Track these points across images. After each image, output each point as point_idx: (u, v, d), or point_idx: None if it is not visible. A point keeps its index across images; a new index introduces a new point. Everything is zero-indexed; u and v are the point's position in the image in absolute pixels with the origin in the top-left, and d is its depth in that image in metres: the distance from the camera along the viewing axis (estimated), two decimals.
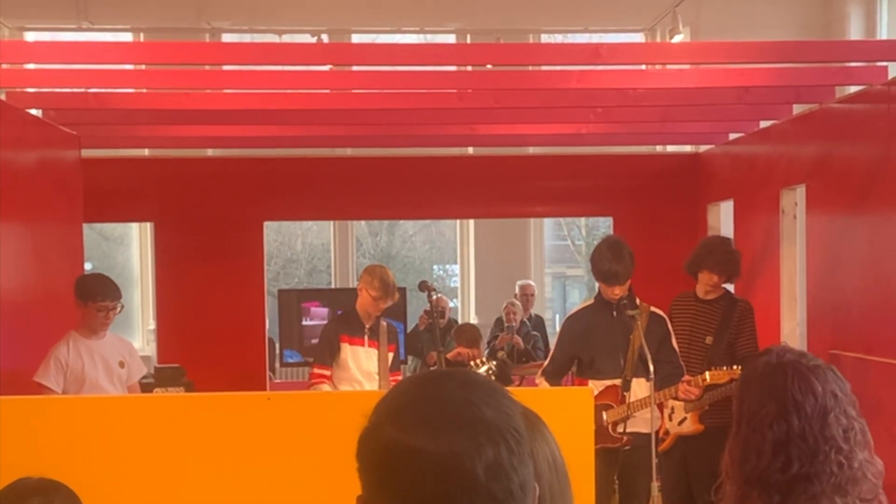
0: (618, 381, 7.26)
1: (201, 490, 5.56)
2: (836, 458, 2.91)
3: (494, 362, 8.32)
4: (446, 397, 2.11)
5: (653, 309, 7.43)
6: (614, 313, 7.31)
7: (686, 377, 7.28)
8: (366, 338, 7.96)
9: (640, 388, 7.23)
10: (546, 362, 7.58)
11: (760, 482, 2.94)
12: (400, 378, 8.13)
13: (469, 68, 9.14)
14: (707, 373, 7.30)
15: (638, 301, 7.40)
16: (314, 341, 9.93)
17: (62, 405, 6.27)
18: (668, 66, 8.73)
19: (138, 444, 5.59)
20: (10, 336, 7.78)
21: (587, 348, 7.36)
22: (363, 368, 7.93)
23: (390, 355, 8.02)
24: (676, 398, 7.35)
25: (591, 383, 7.22)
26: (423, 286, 8.03)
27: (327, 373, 7.76)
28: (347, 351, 7.87)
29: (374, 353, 7.95)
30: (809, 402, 2.95)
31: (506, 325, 12.00)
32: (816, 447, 2.92)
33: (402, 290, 11.84)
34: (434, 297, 8.13)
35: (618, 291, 7.25)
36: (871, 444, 3.01)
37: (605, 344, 7.31)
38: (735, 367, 7.45)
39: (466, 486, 1.94)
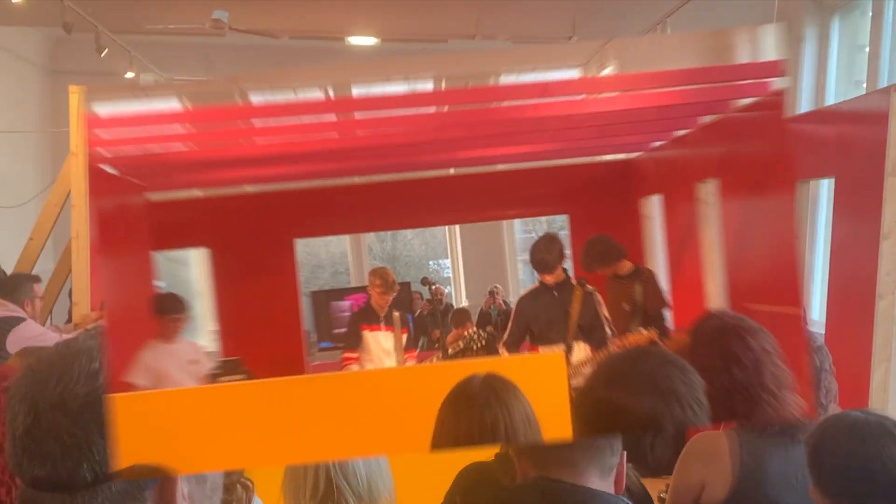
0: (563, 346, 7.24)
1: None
2: (772, 402, 2.95)
3: (483, 332, 8.39)
4: (648, 370, 2.31)
5: (588, 287, 7.39)
6: (555, 293, 7.32)
7: (615, 339, 7.31)
8: (382, 324, 8.05)
9: (580, 350, 7.27)
10: (506, 335, 7.56)
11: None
12: (414, 355, 8.23)
13: (446, 108, 9.16)
14: (630, 335, 7.38)
15: (574, 281, 7.39)
16: (342, 330, 10.04)
17: (158, 397, 6.31)
18: (602, 95, 8.76)
19: (218, 425, 5.65)
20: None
21: (537, 321, 7.38)
22: (382, 347, 8.03)
23: (404, 337, 8.10)
24: None
25: (540, 349, 7.25)
26: (425, 281, 8.14)
27: (355, 356, 7.85)
28: (369, 336, 7.97)
29: (389, 335, 8.03)
30: (747, 356, 2.98)
31: (489, 290, 12.08)
32: (756, 394, 2.95)
33: (407, 284, 11.98)
34: (433, 288, 8.22)
35: (547, 278, 7.23)
36: (796, 388, 3.04)
37: (550, 317, 7.34)
38: (653, 329, 7.55)
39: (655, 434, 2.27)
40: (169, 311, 7.68)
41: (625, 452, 2.23)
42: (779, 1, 6.70)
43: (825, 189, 8.85)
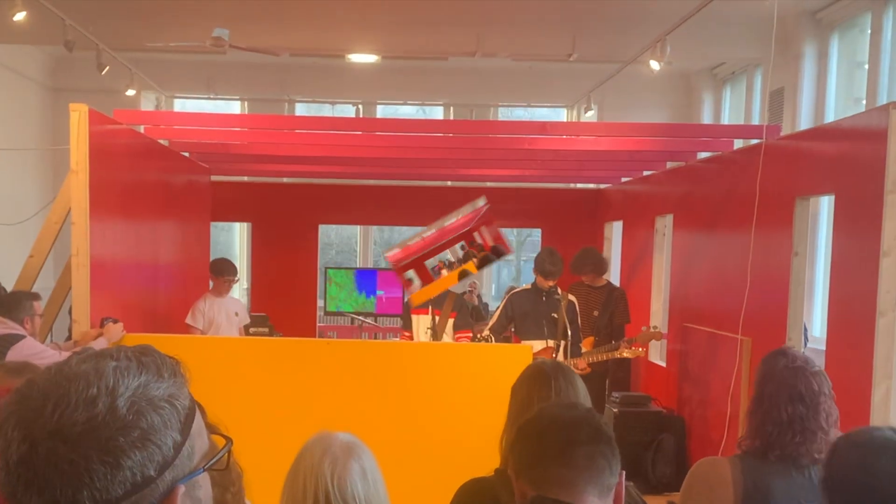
0: (546, 343, 6.89)
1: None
2: (821, 435, 2.70)
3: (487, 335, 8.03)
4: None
5: (570, 297, 7.16)
6: (544, 298, 6.99)
7: (583, 352, 7.10)
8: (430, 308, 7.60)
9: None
10: (493, 321, 7.16)
11: (777, 443, 2.72)
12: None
13: (451, 134, 8.64)
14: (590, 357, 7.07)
15: (559, 290, 7.10)
16: None
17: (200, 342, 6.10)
18: (583, 137, 8.29)
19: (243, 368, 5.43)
20: (169, 291, 7.55)
21: (522, 317, 7.03)
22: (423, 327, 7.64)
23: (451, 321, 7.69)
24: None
25: (522, 341, 6.89)
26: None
27: (409, 334, 7.37)
28: (416, 319, 7.48)
29: (427, 318, 7.55)
30: (809, 395, 2.71)
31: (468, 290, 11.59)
32: (811, 426, 2.70)
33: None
34: None
35: (550, 283, 6.93)
36: (838, 423, 2.77)
37: (534, 316, 6.97)
38: (614, 342, 7.25)
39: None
40: (225, 273, 7.45)
41: (623, 473, 1.89)
42: (777, 18, 5.93)
43: (825, 206, 7.79)
